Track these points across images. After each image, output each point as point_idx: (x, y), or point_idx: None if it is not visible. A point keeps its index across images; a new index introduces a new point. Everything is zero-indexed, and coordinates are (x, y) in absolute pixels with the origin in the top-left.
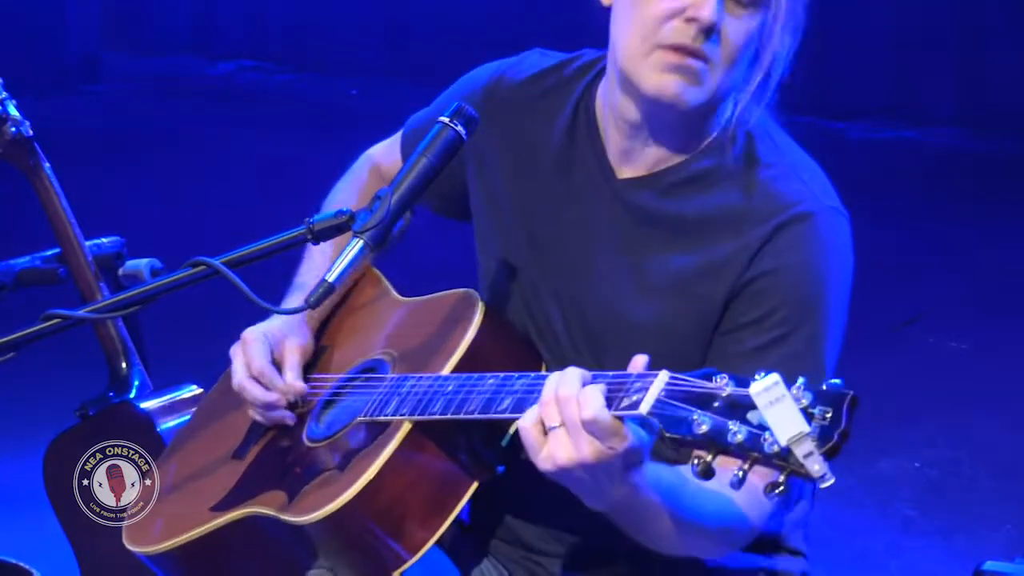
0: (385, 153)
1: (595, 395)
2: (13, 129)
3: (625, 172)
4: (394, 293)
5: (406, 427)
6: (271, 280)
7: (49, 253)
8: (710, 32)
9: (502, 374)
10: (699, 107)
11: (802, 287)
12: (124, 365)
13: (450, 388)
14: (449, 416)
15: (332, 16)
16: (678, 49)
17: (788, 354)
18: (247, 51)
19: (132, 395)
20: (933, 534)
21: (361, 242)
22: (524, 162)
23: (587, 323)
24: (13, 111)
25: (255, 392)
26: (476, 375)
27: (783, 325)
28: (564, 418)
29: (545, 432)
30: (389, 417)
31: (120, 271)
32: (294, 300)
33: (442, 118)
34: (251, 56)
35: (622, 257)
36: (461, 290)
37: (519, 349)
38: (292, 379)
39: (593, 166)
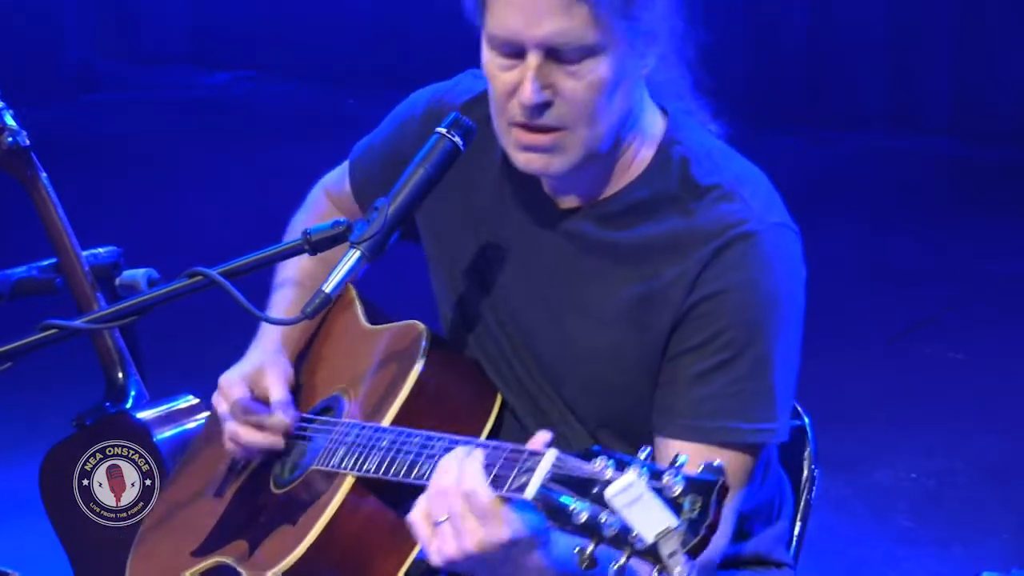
0: (335, 181)
1: (476, 477)
2: (10, 139)
3: (563, 202)
4: (361, 317)
5: (349, 481)
6: (269, 290)
7: (46, 263)
8: (542, 108)
9: (426, 434)
10: (579, 164)
11: (745, 309)
12: (120, 375)
13: (385, 443)
14: (380, 476)
15: (328, 26)
16: (523, 127)
17: (733, 378)
18: (243, 61)
19: (128, 405)
20: (930, 544)
21: (358, 253)
22: (466, 190)
23: (540, 356)
24: (10, 121)
25: (250, 439)
26: (407, 432)
27: (728, 349)
28: (449, 510)
29: (434, 524)
30: (335, 470)
31: (117, 281)
32: (278, 304)
33: (439, 128)
34: (247, 66)
35: (567, 288)
36: (410, 324)
37: (469, 382)
38: (280, 417)
39: (532, 195)
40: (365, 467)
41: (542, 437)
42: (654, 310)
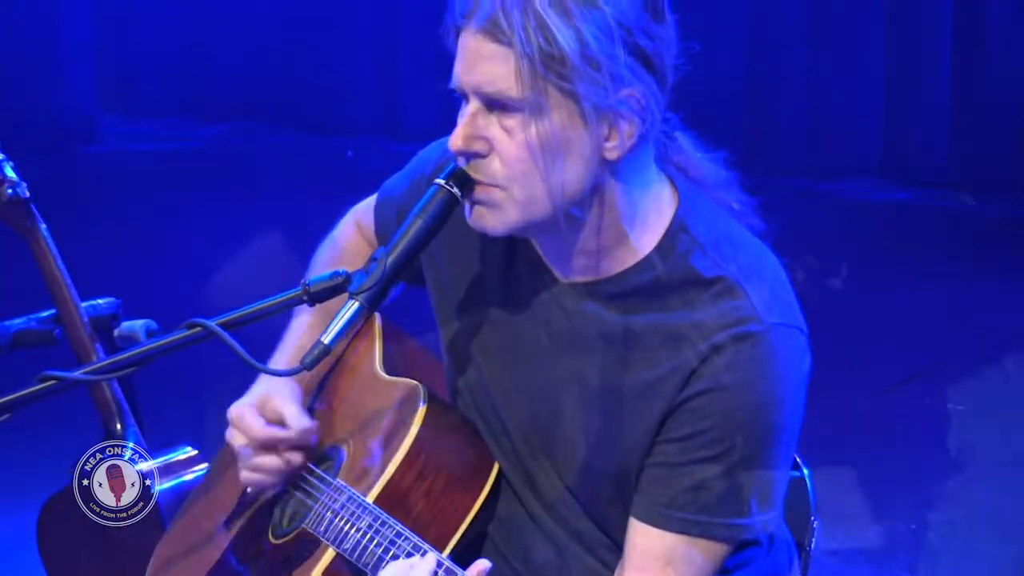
0: (365, 212)
1: None
2: (10, 190)
3: (563, 276)
4: (377, 359)
5: (331, 553)
6: (268, 342)
7: (45, 314)
8: (472, 157)
9: (398, 529)
10: (518, 227)
11: (735, 411)
12: (119, 426)
13: (364, 524)
14: (352, 560)
15: (327, 77)
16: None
17: (713, 474)
18: (242, 112)
19: (127, 456)
20: None
21: (357, 304)
22: (468, 253)
23: (539, 430)
24: (10, 172)
25: (271, 464)
26: (383, 520)
27: (712, 446)
28: None
29: None
30: (320, 537)
31: (116, 332)
32: (283, 355)
33: (438, 180)
34: (246, 117)
35: (563, 365)
36: (412, 386)
37: (465, 452)
38: (298, 425)
39: (534, 265)
40: (343, 546)
41: (482, 566)
42: (647, 400)
